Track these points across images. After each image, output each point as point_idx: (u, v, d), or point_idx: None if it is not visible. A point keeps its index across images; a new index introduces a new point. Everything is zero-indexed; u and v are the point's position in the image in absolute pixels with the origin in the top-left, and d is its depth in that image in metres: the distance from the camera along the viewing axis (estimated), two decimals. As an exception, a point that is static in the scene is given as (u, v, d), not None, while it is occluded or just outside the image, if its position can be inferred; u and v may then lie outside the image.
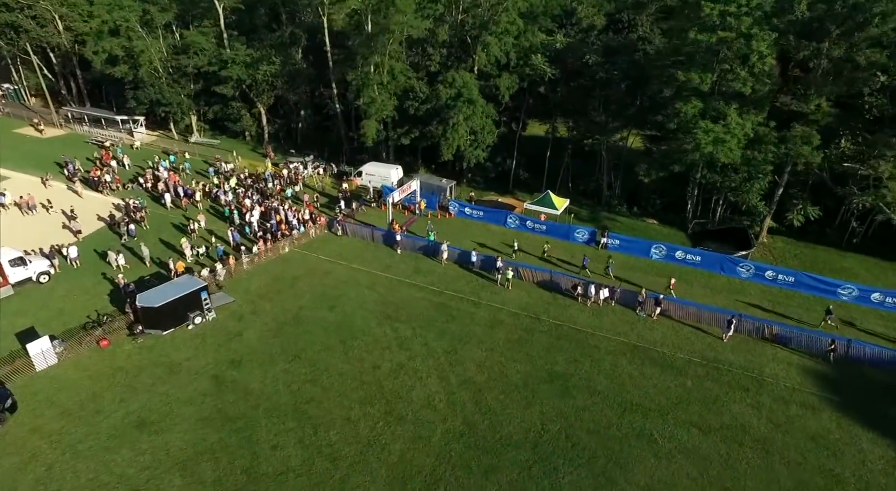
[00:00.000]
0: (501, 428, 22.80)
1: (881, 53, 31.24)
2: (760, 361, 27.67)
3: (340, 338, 28.30)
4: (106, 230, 39.17)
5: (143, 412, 22.90)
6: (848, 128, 36.16)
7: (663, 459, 21.46)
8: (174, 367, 25.73)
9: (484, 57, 42.63)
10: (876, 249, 40.38)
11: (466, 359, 27.09)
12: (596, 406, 24.18)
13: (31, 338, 26.35)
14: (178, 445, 21.35)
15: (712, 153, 34.22)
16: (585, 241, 39.60)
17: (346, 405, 23.76)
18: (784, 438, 22.73)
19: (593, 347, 28.34)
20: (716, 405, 24.50)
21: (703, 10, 33.31)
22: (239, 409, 23.32)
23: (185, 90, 57.42)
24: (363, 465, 20.80)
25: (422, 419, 23.15)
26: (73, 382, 24.52)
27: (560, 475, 20.60)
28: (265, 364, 26.16)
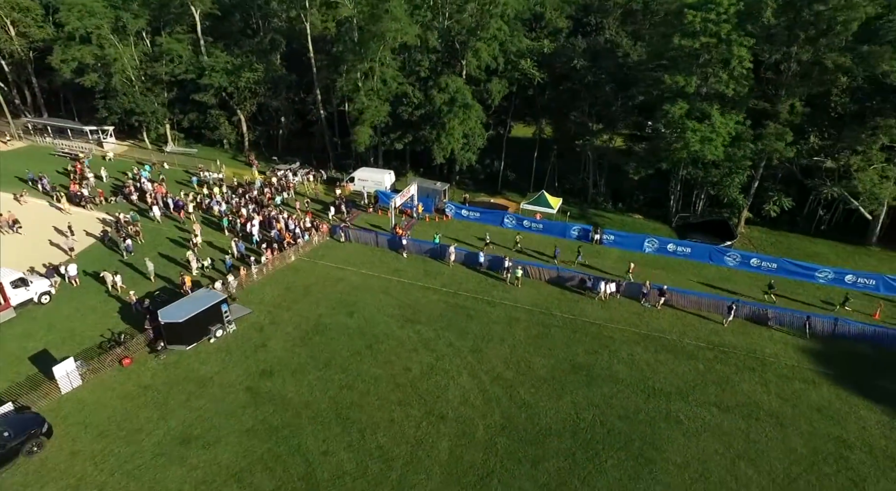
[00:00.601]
0: (539, 419, 23.94)
1: (846, 57, 34.29)
2: (760, 342, 29.98)
3: (366, 343, 28.75)
4: (99, 246, 38.00)
5: (184, 428, 22.76)
6: (815, 125, 39.30)
7: (692, 438, 23.15)
8: (205, 381, 25.56)
9: (475, 62, 43.72)
10: (841, 235, 44.00)
11: (492, 356, 28.11)
12: (622, 393, 25.69)
13: (45, 361, 25.78)
14: (228, 458, 21.41)
15: (699, 151, 36.58)
16: (580, 237, 41.35)
17: (386, 408, 24.33)
18: (793, 411, 24.89)
19: (608, 338, 29.93)
20: (728, 385, 26.48)
21: (686, 17, 35.56)
22: (281, 418, 23.50)
23: (160, 98, 55.92)
24: (416, 464, 21.49)
25: (462, 416, 24.01)
26: (102, 402, 24.03)
27: (602, 460, 21.91)
28: (297, 373, 26.35)
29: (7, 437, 20.24)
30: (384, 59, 43.68)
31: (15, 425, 20.82)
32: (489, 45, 43.32)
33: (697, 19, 35.50)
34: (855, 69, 34.79)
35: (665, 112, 37.53)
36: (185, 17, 54.34)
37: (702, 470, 21.51)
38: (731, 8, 35.32)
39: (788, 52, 37.33)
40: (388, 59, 43.93)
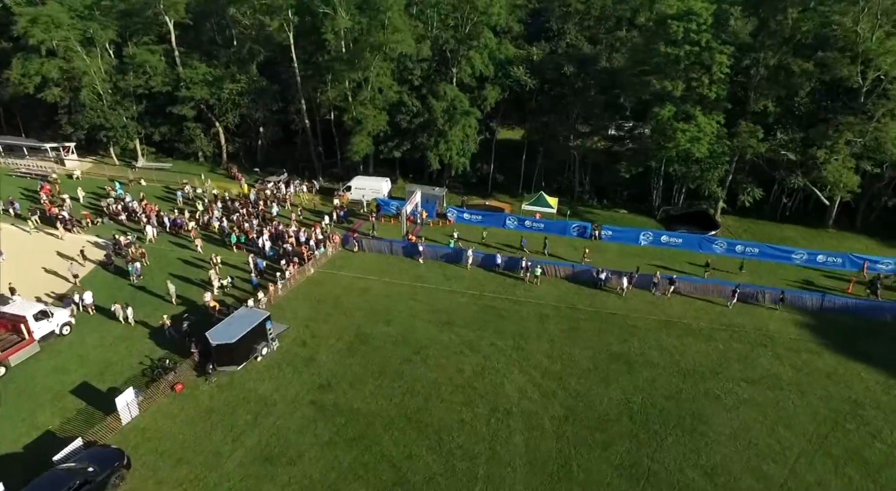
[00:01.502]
0: (596, 407, 25.79)
1: (809, 63, 38.59)
2: (763, 321, 33.38)
3: (412, 349, 29.57)
4: (100, 272, 36.42)
5: (262, 447, 22.83)
6: (780, 122, 43.71)
7: (731, 411, 25.76)
8: (266, 399, 25.55)
9: (468, 70, 45.14)
10: (802, 219, 49.04)
11: (535, 352, 29.73)
12: (661, 376, 28.03)
13: (90, 394, 25.02)
14: (317, 472, 21.76)
15: (688, 149, 39.88)
16: (580, 235, 43.81)
17: (453, 409, 25.36)
18: (808, 379, 28.14)
19: (633, 327, 32.32)
20: (748, 361, 29.47)
21: (671, 27, 38.67)
22: (355, 428, 24.00)
23: (129, 112, 53.42)
24: (497, 459, 22.71)
25: (525, 410, 25.45)
26: (167, 430, 23.59)
27: (662, 438, 24.04)
28: (355, 384, 26.83)
29: (93, 472, 19.72)
30: (379, 69, 44.21)
31: (99, 460, 20.29)
32: (481, 54, 44.88)
33: (680, 29, 38.71)
34: (816, 73, 39.22)
35: (655, 114, 40.61)
36: (154, 27, 52.32)
37: (748, 438, 24.10)
38: (710, 19, 38.79)
39: (756, 57, 41.36)
40: (383, 68, 44.48)
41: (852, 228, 47.63)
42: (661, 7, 42.08)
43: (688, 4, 38.94)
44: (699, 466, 22.51)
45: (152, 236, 40.38)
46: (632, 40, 46.49)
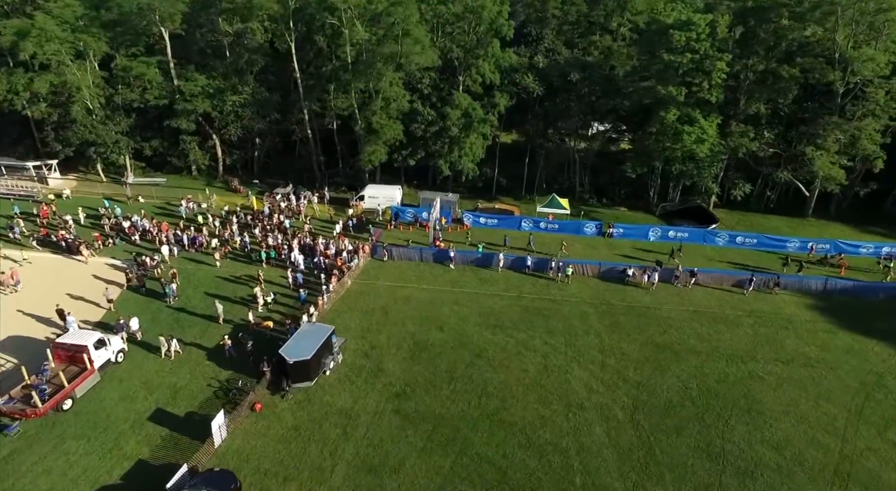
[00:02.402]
0: (659, 395, 27.76)
1: (796, 68, 42.32)
2: (779, 305, 36.54)
3: (472, 353, 30.63)
4: (130, 294, 35.34)
5: (362, 458, 23.31)
6: (767, 123, 47.50)
7: (777, 390, 28.35)
8: (348, 412, 25.96)
9: (479, 78, 46.39)
10: (784, 210, 53.35)
11: (586, 347, 31.47)
12: (706, 362, 30.37)
13: (170, 420, 24.74)
14: (423, 477, 22.51)
15: (693, 150, 42.82)
16: (594, 233, 46.07)
17: (530, 407, 26.65)
18: (832, 356, 31.25)
19: (667, 318, 34.65)
20: (777, 343, 32.34)
21: (673, 37, 41.42)
22: (445, 433, 24.84)
23: (120, 126, 51.42)
24: (587, 450, 24.19)
25: (596, 403, 27.08)
26: (262, 449, 23.66)
27: (726, 419, 26.22)
28: (430, 390, 27.63)
29: (214, 498, 19.77)
30: (392, 79, 44.76)
31: (216, 485, 20.30)
32: (489, 63, 46.26)
33: (682, 39, 41.51)
34: (801, 78, 43.08)
35: (661, 118, 43.31)
36: (150, 37, 50.60)
37: (799, 413, 26.69)
38: (707, 28, 41.81)
39: (746, 63, 44.84)
40: (395, 78, 45.05)
41: (827, 216, 52.33)
42: (660, 17, 44.89)
43: (687, 15, 41.84)
44: (765, 442, 24.83)
45: (167, 256, 39.41)
46: (607, 44, 48.94)
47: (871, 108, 42.55)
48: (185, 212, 46.74)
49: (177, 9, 45.62)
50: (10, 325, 31.16)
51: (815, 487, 22.55)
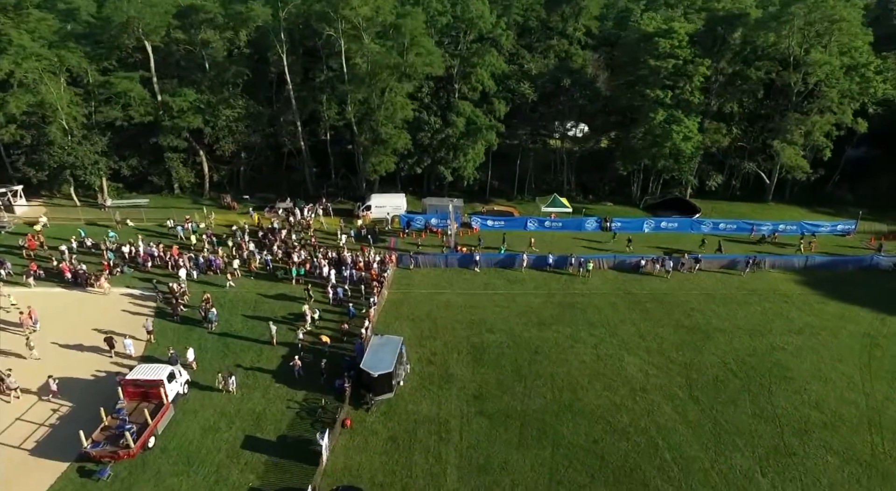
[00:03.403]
0: (705, 372, 30.73)
1: (761, 70, 47.40)
2: (772, 283, 41.09)
3: (529, 350, 32.31)
4: (164, 323, 33.86)
5: (468, 460, 24.22)
6: (735, 120, 52.66)
7: (798, 357, 32.20)
8: (436, 418, 26.78)
9: (479, 86, 47.93)
10: (747, 197, 59.19)
11: (628, 335, 34.08)
12: (734, 340, 33.85)
13: (265, 446, 24.62)
14: (530, 471, 23.82)
15: (680, 147, 46.84)
16: (594, 228, 49.14)
17: (600, 395, 28.69)
18: (831, 323, 35.79)
19: (686, 302, 38.05)
20: (785, 317, 36.51)
21: (659, 44, 45.13)
22: (534, 427, 26.20)
23: (97, 146, 48.36)
24: (665, 429, 26.37)
25: (656, 386, 29.60)
26: (369, 464, 24.00)
27: (767, 387, 29.50)
28: (504, 389, 28.98)
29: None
30: (397, 89, 45.33)
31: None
32: (486, 71, 47.97)
33: (666, 46, 45.31)
34: (766, 79, 48.33)
35: (650, 119, 46.97)
36: (123, 50, 47.85)
37: (823, 376, 30.59)
38: (685, 37, 45.88)
39: (716, 66, 49.54)
40: (400, 88, 45.65)
41: (783, 201, 58.68)
42: (641, 25, 48.62)
43: (668, 24, 45.73)
44: (805, 403, 28.41)
45: (184, 279, 38.02)
46: (564, 48, 52.28)
47: (825, 104, 48.54)
48: (184, 232, 44.96)
49: (164, 21, 43.62)
50: (48, 366, 29.17)
51: (858, 437, 26.24)
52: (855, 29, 47.17)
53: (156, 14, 42.87)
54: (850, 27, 46.58)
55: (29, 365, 29.20)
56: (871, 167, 58.66)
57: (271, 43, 47.66)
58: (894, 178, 58.58)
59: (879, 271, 43.65)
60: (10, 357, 29.97)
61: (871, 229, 51.23)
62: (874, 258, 44.20)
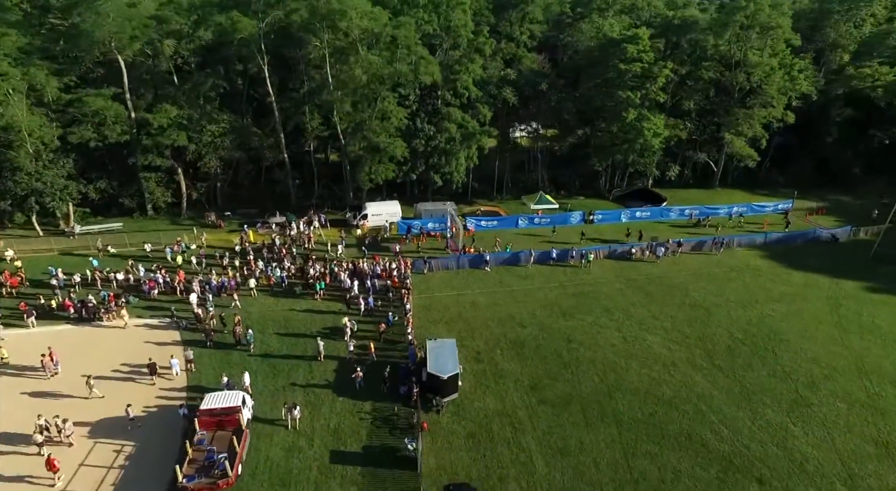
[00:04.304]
0: (718, 343, 34.59)
1: (712, 71, 53.05)
2: (743, 259, 46.44)
3: (563, 339, 34.72)
4: (199, 350, 32.68)
5: (547, 446, 26.19)
6: (691, 117, 58.32)
7: (786, 322, 37.03)
8: (504, 412, 28.46)
9: (465, 92, 49.53)
10: (698, 184, 65.52)
11: (642, 316, 37.45)
12: (732, 312, 38.22)
13: (353, 457, 25.24)
14: (606, 448, 26.21)
15: (651, 143, 51.38)
16: (579, 221, 52.65)
17: (639, 373, 31.51)
18: (801, 291, 41.29)
19: (679, 284, 42.19)
20: (764, 289, 41.59)
21: (628, 50, 49.25)
22: (594, 409, 28.66)
23: (65, 170, 44.94)
24: (703, 396, 29.72)
25: (682, 359, 32.97)
26: (459, 461, 25.26)
27: (773, 352, 33.73)
28: (554, 377, 31.12)
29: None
30: (389, 98, 45.92)
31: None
32: (470, 78, 49.74)
33: (633, 51, 49.53)
34: (715, 79, 54.12)
35: (623, 117, 51.09)
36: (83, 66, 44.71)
37: (811, 335, 35.53)
38: (648, 42, 50.38)
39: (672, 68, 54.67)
40: (391, 97, 46.26)
41: (727, 186, 65.63)
42: (606, 31, 52.71)
43: (633, 31, 50.02)
44: (806, 360, 33.02)
45: (197, 305, 36.81)
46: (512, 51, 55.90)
47: (766, 99, 55.22)
48: (171, 255, 43.07)
49: (146, 34, 41.39)
50: (93, 407, 27.68)
51: (853, 383, 31.06)
52: (787, 34, 54.17)
53: (136, 27, 40.56)
54: (784, 33, 53.47)
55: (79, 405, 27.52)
56: (793, 153, 66.97)
57: (251, 53, 46.53)
58: (811, 162, 67.52)
59: (822, 243, 50.60)
60: (60, 399, 28.10)
61: (802, 207, 58.86)
62: (816, 231, 51.12)
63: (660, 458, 25.81)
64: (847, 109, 61.29)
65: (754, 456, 25.93)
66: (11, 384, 29.25)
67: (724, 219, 54.68)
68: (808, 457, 25.97)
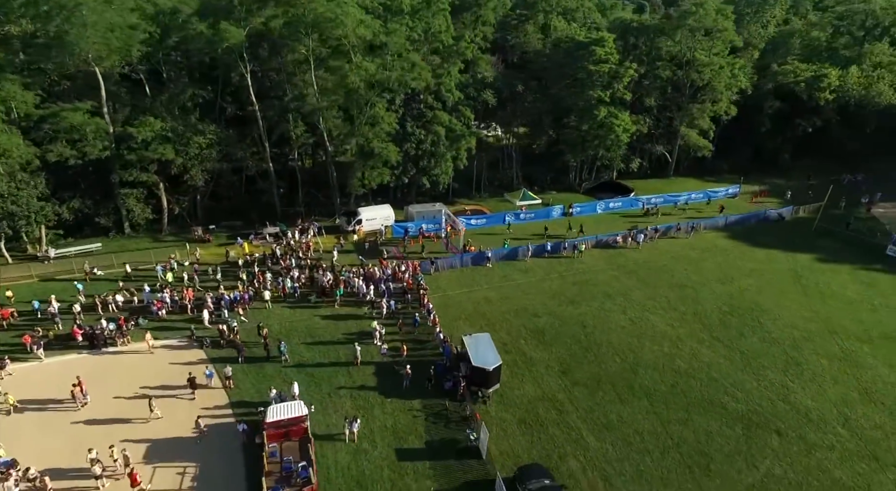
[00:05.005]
0: (709, 317, 38.47)
1: (669, 71, 57.82)
2: (711, 241, 51.28)
3: (578, 325, 37.31)
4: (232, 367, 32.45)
5: (592, 422, 28.67)
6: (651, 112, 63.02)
7: (761, 294, 41.62)
8: (544, 396, 30.62)
9: (450, 96, 50.94)
10: (654, 173, 70.74)
11: (640, 299, 40.79)
12: (715, 289, 42.37)
13: (416, 453, 26.57)
14: (643, 417, 29.02)
15: (621, 138, 55.29)
16: (560, 215, 55.77)
17: (652, 351, 34.70)
18: (764, 266, 46.39)
19: (664, 266, 46.08)
20: (735, 266, 46.26)
21: (597, 52, 52.76)
22: (623, 385, 31.45)
23: (38, 190, 42.22)
24: (712, 364, 33.33)
25: (684, 334, 36.55)
26: (518, 445, 27.19)
27: (759, 320, 38.10)
28: (580, 361, 33.59)
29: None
30: (380, 103, 46.53)
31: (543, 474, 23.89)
32: (452, 81, 51.27)
33: (602, 53, 53.12)
34: (671, 77, 58.99)
35: (594, 115, 54.61)
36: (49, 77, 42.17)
37: (784, 306, 40.17)
38: (613, 44, 54.18)
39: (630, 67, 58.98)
40: (382, 102, 46.86)
41: (680, 174, 71.37)
42: (573, 34, 56.04)
43: (599, 34, 53.67)
44: (787, 326, 37.54)
45: (209, 320, 36.28)
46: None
47: (715, 95, 60.91)
48: (163, 273, 41.73)
49: (132, 44, 39.61)
50: (137, 431, 27.09)
51: (830, 343, 35.84)
52: (731, 36, 60.00)
53: (119, 38, 38.76)
54: (728, 35, 59.24)
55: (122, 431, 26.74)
56: (734, 142, 73.81)
57: (233, 62, 45.65)
58: (748, 150, 74.66)
59: (771, 222, 56.68)
60: (100, 427, 27.17)
61: (748, 190, 65.33)
62: (766, 212, 57.18)
63: (691, 423, 28.91)
64: (776, 102, 68.42)
65: (767, 412, 29.65)
66: (44, 420, 27.85)
67: (671, 207, 59.32)
68: (810, 408, 30.03)
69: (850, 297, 42.15)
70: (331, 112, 47.61)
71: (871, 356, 34.77)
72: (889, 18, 74.13)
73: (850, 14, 74.94)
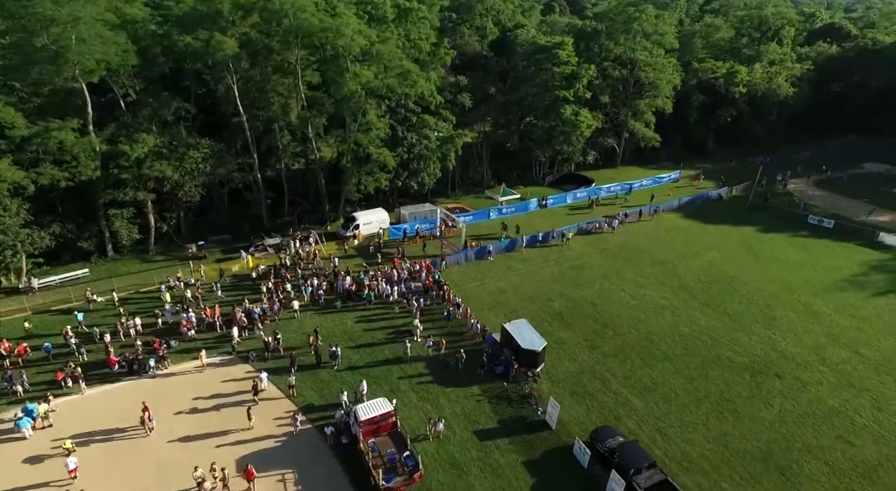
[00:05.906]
0: (696, 288, 44.16)
1: (619, 71, 63.84)
2: (671, 222, 57.78)
3: (588, 305, 41.34)
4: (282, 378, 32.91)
5: (632, 386, 32.68)
6: (604, 108, 68.85)
7: (727, 264, 48.14)
8: (584, 370, 34.23)
9: (433, 100, 52.95)
10: (604, 163, 77.13)
11: (632, 276, 45.69)
12: (690, 262, 48.33)
13: (491, 432, 29.09)
14: (672, 378, 33.52)
15: (584, 134, 60.36)
16: (536, 207, 59.92)
17: (659, 320, 39.47)
18: (722, 240, 53.31)
19: (640, 247, 51.51)
20: (698, 242, 52.77)
21: (560, 55, 57.25)
22: (646, 354, 35.80)
23: (20, 217, 39.36)
24: (712, 329, 38.73)
25: (681, 305, 41.76)
26: (580, 416, 30.56)
27: (739, 291, 44.43)
28: (604, 335, 37.61)
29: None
30: (372, 111, 47.65)
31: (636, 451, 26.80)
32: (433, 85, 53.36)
33: (564, 55, 57.75)
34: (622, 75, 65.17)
35: (560, 113, 59.23)
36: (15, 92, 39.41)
37: (750, 273, 46.85)
38: (572, 47, 59.07)
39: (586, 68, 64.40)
40: (375, 109, 47.96)
41: (626, 163, 78.42)
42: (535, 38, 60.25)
43: (561, 38, 58.28)
44: (758, 290, 43.97)
45: (238, 336, 36.34)
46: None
47: (659, 92, 68.00)
48: (169, 294, 40.72)
49: (127, 57, 37.89)
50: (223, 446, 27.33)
51: (791, 299, 42.69)
52: (671, 38, 67.26)
53: (115, 51, 36.99)
54: (668, 38, 66.43)
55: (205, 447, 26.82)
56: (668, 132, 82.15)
57: (219, 73, 44.91)
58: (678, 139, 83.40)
59: (715, 201, 64.59)
60: (183, 447, 26.97)
61: (686, 174, 73.46)
62: (709, 193, 65.04)
63: (709, 377, 33.81)
64: (701, 96, 77.35)
65: (764, 361, 35.30)
66: (120, 451, 27.14)
67: (612, 196, 64.71)
68: (795, 354, 36.10)
69: (793, 260, 49.92)
70: (320, 120, 48.14)
71: (824, 306, 41.98)
72: (777, 23, 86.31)
73: (749, 18, 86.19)
